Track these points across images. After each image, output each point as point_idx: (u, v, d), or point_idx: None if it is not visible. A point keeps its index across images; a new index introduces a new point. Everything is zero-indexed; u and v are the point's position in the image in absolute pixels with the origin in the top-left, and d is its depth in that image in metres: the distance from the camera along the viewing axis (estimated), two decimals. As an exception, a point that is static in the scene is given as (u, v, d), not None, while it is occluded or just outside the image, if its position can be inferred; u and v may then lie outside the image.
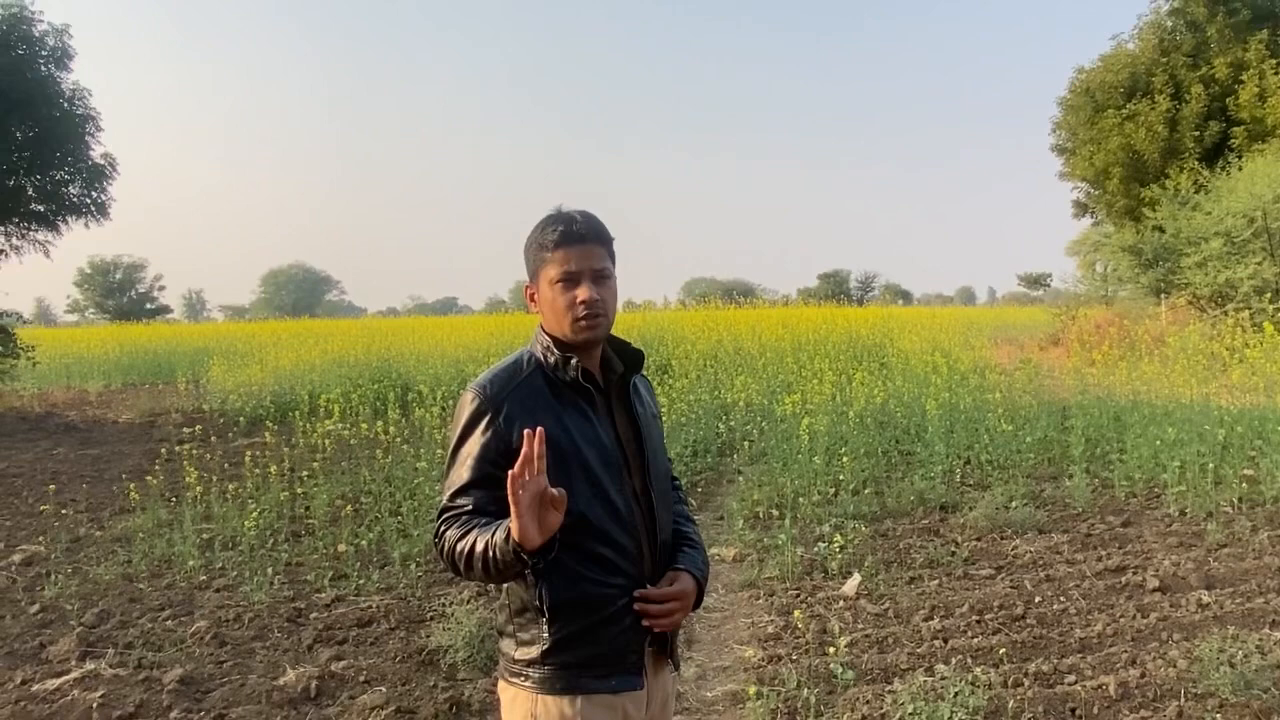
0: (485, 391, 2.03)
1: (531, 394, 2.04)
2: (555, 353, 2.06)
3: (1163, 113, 22.63)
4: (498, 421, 1.99)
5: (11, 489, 9.94)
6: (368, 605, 5.73)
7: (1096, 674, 4.44)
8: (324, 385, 15.05)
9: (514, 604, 2.06)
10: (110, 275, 70.29)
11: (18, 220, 17.31)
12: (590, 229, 2.06)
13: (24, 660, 5.02)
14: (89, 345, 26.24)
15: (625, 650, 2.05)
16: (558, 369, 2.06)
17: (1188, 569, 5.87)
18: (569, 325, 2.04)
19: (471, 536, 1.91)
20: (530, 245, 2.10)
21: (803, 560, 6.35)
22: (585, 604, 1.99)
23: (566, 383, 2.06)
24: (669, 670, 2.23)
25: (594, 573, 1.99)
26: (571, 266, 2.03)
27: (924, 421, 9.96)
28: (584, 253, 2.04)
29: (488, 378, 2.07)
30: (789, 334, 18.66)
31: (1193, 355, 11.69)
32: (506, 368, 2.10)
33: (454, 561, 1.95)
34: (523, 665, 2.03)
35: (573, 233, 2.04)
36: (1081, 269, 31.30)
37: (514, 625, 2.06)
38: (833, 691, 4.37)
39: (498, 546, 1.84)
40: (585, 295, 2.02)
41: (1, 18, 15.71)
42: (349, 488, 8.70)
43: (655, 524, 2.13)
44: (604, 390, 2.14)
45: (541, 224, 2.08)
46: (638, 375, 2.25)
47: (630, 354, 2.20)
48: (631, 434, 2.16)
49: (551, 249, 2.04)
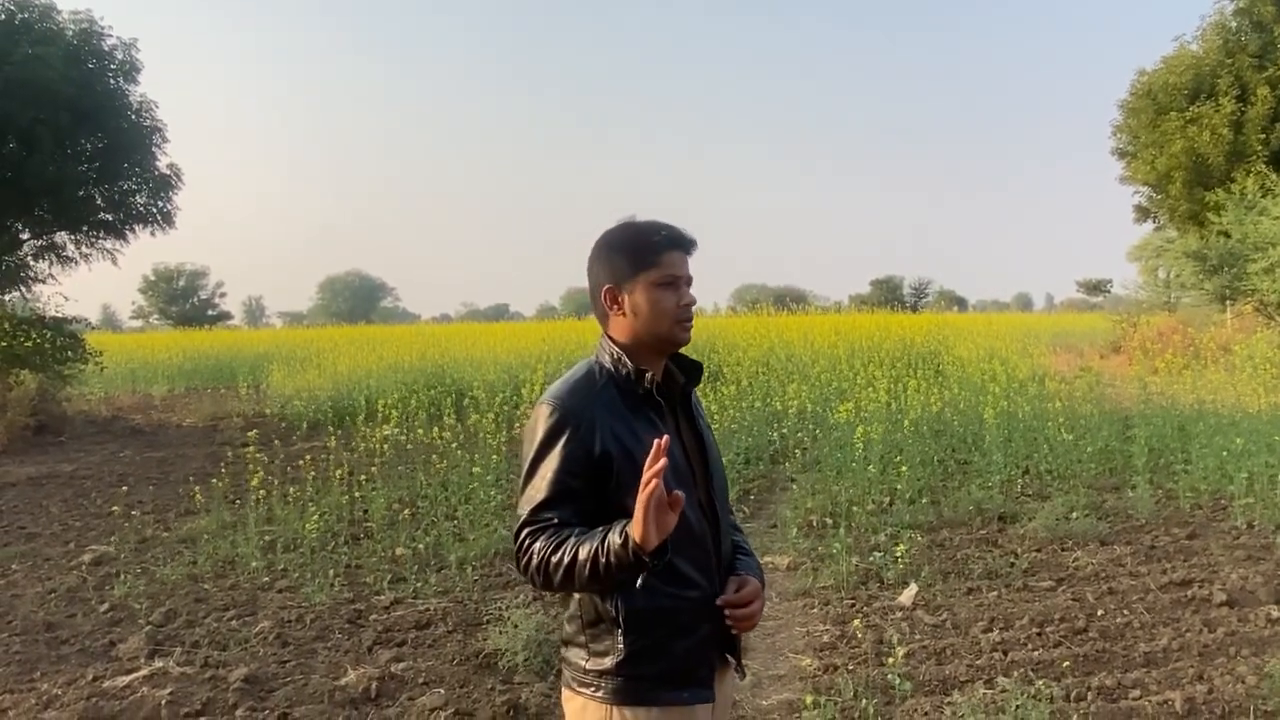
0: (564, 403, 2.02)
1: (607, 405, 2.04)
2: (628, 365, 2.07)
3: (1227, 115, 22.08)
4: (579, 433, 1.98)
5: (81, 490, 10.24)
6: (426, 608, 5.81)
7: (1162, 689, 4.35)
8: (381, 390, 15.27)
9: (587, 615, 2.04)
10: (174, 282, 71.94)
11: (87, 229, 17.82)
12: (689, 237, 2.13)
13: (95, 657, 5.17)
14: (153, 350, 26.91)
15: (699, 663, 2.06)
16: (630, 380, 2.07)
17: (1256, 583, 5.72)
18: (668, 328, 2.07)
19: (569, 546, 1.89)
20: (622, 248, 2.10)
21: (858, 569, 6.31)
22: (660, 616, 1.99)
23: (639, 395, 2.07)
24: (731, 674, 2.23)
25: (669, 585, 1.98)
26: (678, 270, 2.08)
27: (981, 430, 9.84)
28: (684, 259, 2.11)
29: (565, 389, 2.06)
30: (842, 341, 18.54)
31: (1260, 363, 11.41)
32: (581, 379, 2.09)
33: (547, 573, 1.92)
34: (595, 675, 2.02)
35: (681, 238, 2.11)
36: (1143, 275, 30.70)
37: (586, 635, 2.04)
38: (890, 702, 4.34)
39: (613, 550, 1.82)
40: (688, 299, 2.09)
41: (73, 33, 16.19)
42: (406, 492, 8.82)
43: (719, 535, 2.14)
44: (669, 401, 2.15)
45: (641, 227, 2.11)
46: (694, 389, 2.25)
47: (688, 365, 2.21)
48: (695, 445, 2.18)
49: (660, 251, 2.07)
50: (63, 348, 16.51)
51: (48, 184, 15.70)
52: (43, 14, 16.03)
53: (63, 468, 11.83)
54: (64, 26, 16.23)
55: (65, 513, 9.09)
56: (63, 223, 17.50)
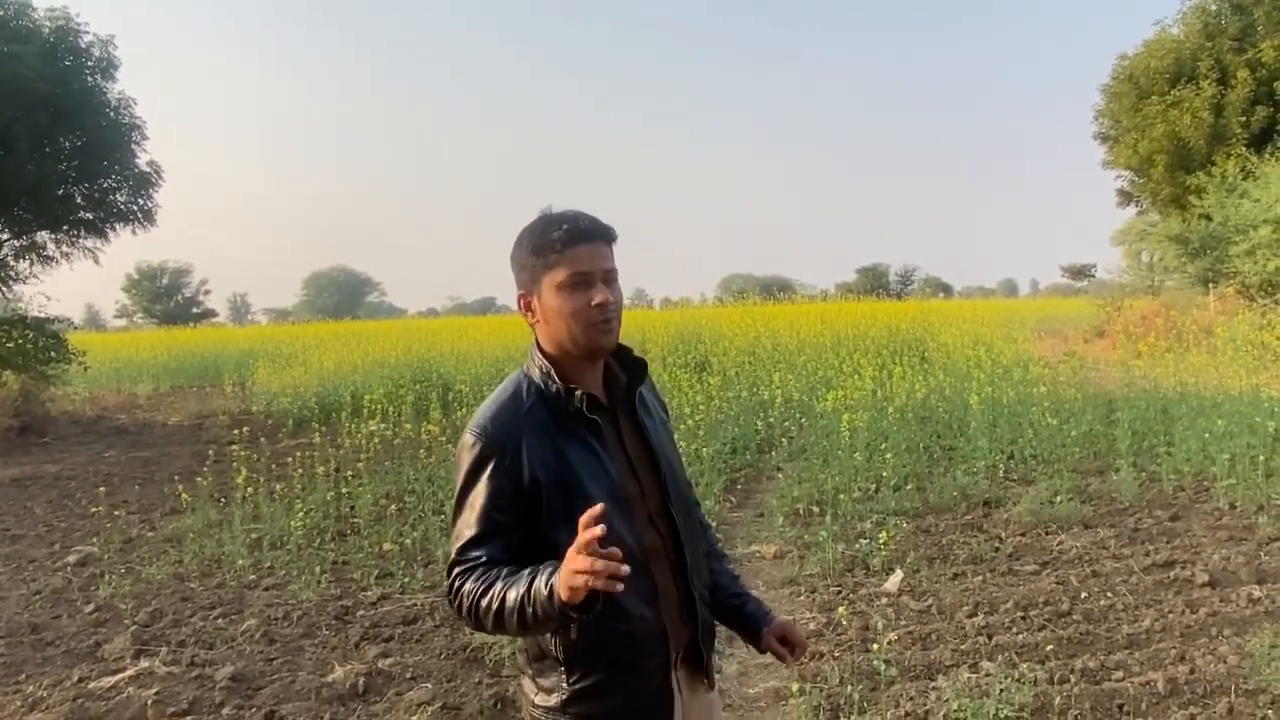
0: (488, 433, 1.87)
1: (535, 428, 1.88)
2: (556, 381, 1.90)
3: (1208, 98, 22.18)
4: (504, 465, 1.84)
5: (65, 491, 10.19)
6: (413, 603, 5.81)
7: (1145, 670, 4.39)
8: (367, 386, 15.24)
9: (531, 650, 1.95)
10: (157, 280, 71.63)
11: (67, 228, 17.68)
12: (596, 226, 1.91)
13: (80, 658, 5.16)
14: (138, 349, 26.76)
15: (652, 699, 1.93)
16: (560, 399, 1.90)
17: (1238, 563, 5.78)
18: (582, 332, 1.87)
19: (497, 590, 1.76)
20: (526, 248, 1.92)
21: (844, 557, 6.33)
22: (603, 652, 1.87)
23: (570, 412, 1.90)
24: (705, 693, 2.10)
25: (612, 620, 1.80)
26: (583, 267, 1.87)
27: (966, 416, 9.88)
28: (593, 252, 1.88)
29: (488, 416, 1.91)
30: (828, 329, 18.58)
31: (1242, 345, 11.49)
32: (507, 400, 1.93)
33: (478, 616, 1.80)
34: (543, 712, 1.92)
35: (581, 230, 1.88)
36: (1127, 259, 30.84)
37: (533, 670, 1.95)
38: (876, 688, 4.36)
39: (539, 602, 1.68)
40: (600, 298, 1.87)
41: (49, 30, 16.03)
42: (393, 487, 8.80)
43: (679, 541, 2.00)
44: (610, 408, 2.00)
45: (540, 225, 1.91)
46: (643, 384, 2.09)
47: (631, 362, 2.05)
48: (642, 451, 2.02)
49: (559, 249, 1.86)
50: (45, 348, 16.43)
51: (26, 183, 15.58)
52: (18, 11, 15.86)
53: (47, 468, 11.77)
54: (40, 24, 16.07)
55: (50, 514, 9.05)
56: (43, 222, 17.36)
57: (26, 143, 15.14)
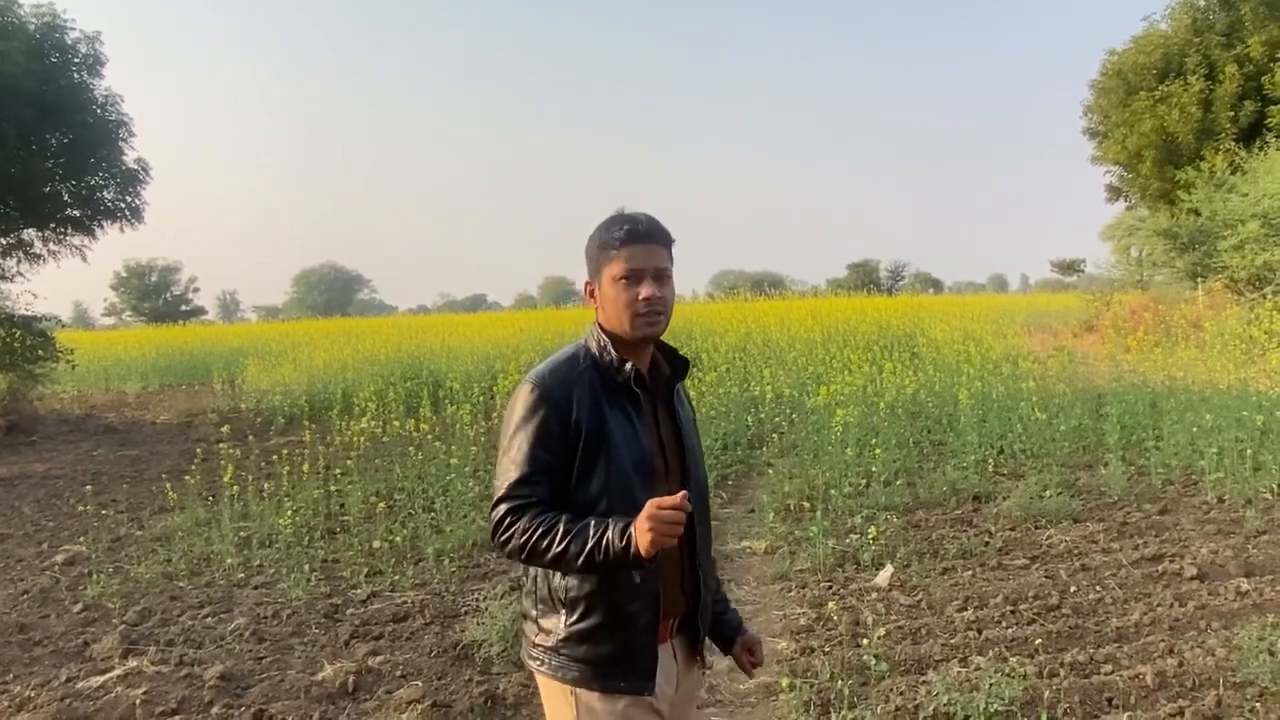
0: (544, 383, 2.09)
1: (586, 386, 2.11)
2: (612, 353, 2.14)
3: (1196, 93, 22.24)
4: (557, 409, 2.06)
5: (53, 490, 10.13)
6: (403, 601, 5.79)
7: (1134, 663, 4.41)
8: (357, 384, 15.20)
9: (540, 592, 2.15)
10: (146, 278, 71.32)
11: (54, 225, 17.54)
12: (654, 229, 2.14)
13: (69, 658, 5.13)
14: (126, 347, 26.63)
15: (637, 654, 2.11)
16: (612, 368, 2.14)
17: (1226, 556, 5.80)
18: (629, 321, 2.10)
19: (559, 535, 1.96)
20: (594, 243, 2.16)
21: (835, 552, 6.34)
22: (603, 604, 2.07)
23: (619, 384, 2.13)
24: (697, 670, 2.33)
25: (620, 577, 2.06)
26: (635, 264, 2.09)
27: (956, 411, 9.90)
28: (647, 251, 2.11)
29: (547, 369, 2.14)
30: (819, 325, 18.59)
31: (1230, 339, 11.53)
32: (564, 360, 2.16)
33: (532, 552, 1.99)
34: (540, 650, 2.14)
35: (638, 231, 2.11)
36: (1116, 254, 30.96)
37: (536, 611, 2.16)
38: (866, 683, 4.36)
39: (614, 551, 1.91)
40: (647, 293, 2.09)
41: (35, 26, 15.91)
42: (383, 485, 8.78)
43: (693, 524, 2.14)
44: (651, 391, 2.21)
45: (607, 222, 2.15)
46: (680, 382, 2.31)
47: (676, 360, 2.28)
48: (674, 439, 2.24)
49: (617, 246, 2.10)
50: (33, 346, 16.31)
51: (13, 181, 15.44)
52: (3, 7, 15.72)
53: (35, 467, 11.71)
54: (26, 20, 15.93)
55: (38, 513, 9.00)
56: (30, 219, 17.21)
57: (12, 140, 14.99)
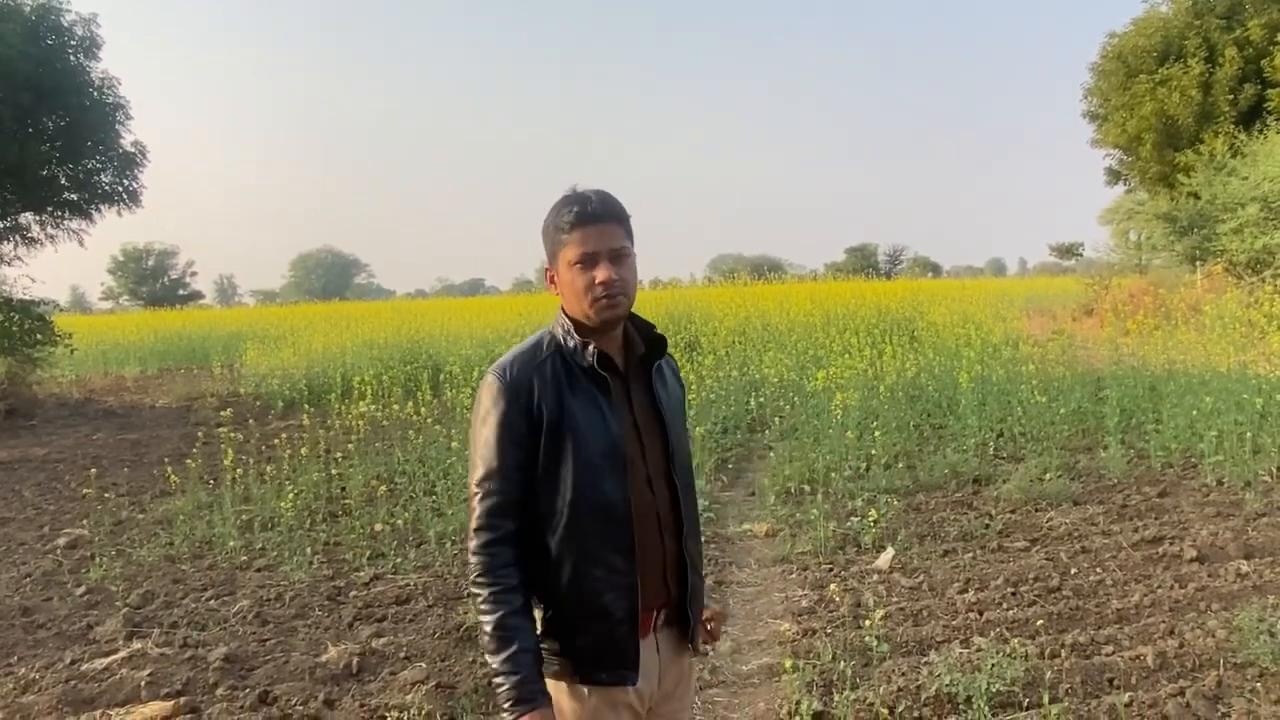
0: (505, 374, 2.03)
1: (547, 375, 2.04)
2: (574, 338, 2.06)
3: (1196, 77, 22.18)
4: (519, 400, 2.01)
5: (54, 474, 10.14)
6: (405, 583, 5.81)
7: (1134, 644, 4.43)
8: (356, 367, 15.20)
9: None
10: (143, 262, 71.10)
11: (51, 209, 17.47)
12: (606, 208, 2.04)
13: (73, 640, 5.14)
14: (124, 332, 26.59)
15: (617, 646, 2.04)
16: (575, 354, 2.05)
17: (1226, 538, 5.82)
18: (588, 306, 2.02)
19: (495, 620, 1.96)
20: (547, 228, 2.08)
21: (835, 535, 6.35)
22: (578, 597, 2.02)
23: (583, 368, 2.05)
24: (688, 655, 2.25)
25: (586, 565, 2.01)
26: (589, 247, 2.00)
27: (956, 394, 9.91)
28: (600, 232, 2.01)
29: (509, 360, 2.08)
30: (818, 309, 18.58)
31: (1229, 323, 11.53)
32: (527, 349, 2.10)
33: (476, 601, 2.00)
34: None
35: (588, 213, 2.01)
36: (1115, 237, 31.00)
37: None
38: (868, 664, 4.38)
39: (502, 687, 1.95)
40: (604, 276, 2.00)
41: (31, 8, 15.81)
42: (384, 468, 8.79)
43: (679, 511, 2.12)
44: (623, 374, 2.13)
45: (557, 206, 2.06)
46: (664, 359, 2.23)
47: (652, 338, 2.18)
48: (651, 418, 2.14)
49: (568, 230, 2.01)
50: (31, 330, 16.28)
51: (10, 164, 15.38)
52: (-1, -10, 15.65)
53: (35, 451, 11.72)
54: (21, 3, 15.85)
55: (39, 496, 9.01)
56: (26, 203, 17.15)
57: (9, 123, 14.92)
